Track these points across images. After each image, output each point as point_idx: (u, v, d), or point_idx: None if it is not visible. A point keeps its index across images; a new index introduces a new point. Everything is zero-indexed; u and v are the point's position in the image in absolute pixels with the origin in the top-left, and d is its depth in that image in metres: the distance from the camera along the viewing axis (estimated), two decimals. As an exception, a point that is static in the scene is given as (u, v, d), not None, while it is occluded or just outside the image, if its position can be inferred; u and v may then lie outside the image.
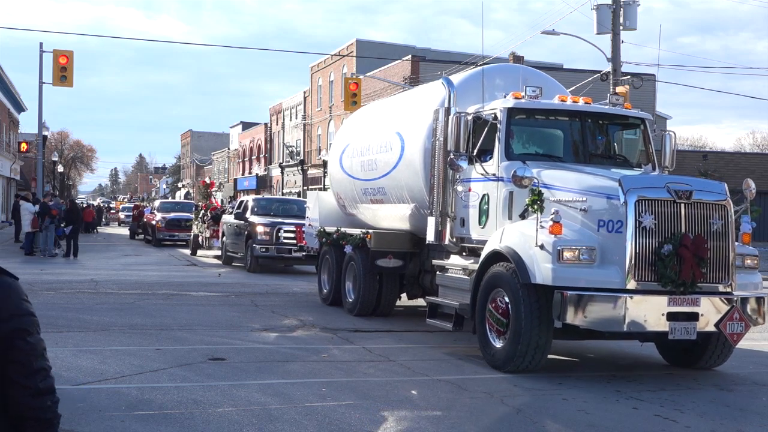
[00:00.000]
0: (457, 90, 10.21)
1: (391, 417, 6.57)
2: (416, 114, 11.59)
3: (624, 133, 10.54)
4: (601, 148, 10.00)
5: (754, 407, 7.60)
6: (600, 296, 7.73)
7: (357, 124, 14.83)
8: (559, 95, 10.17)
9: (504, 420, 6.68)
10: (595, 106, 10.01)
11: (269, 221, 21.25)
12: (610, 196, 8.06)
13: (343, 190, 14.31)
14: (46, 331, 9.27)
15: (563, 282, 7.84)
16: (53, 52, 27.58)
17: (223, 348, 9.54)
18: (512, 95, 9.60)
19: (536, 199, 8.18)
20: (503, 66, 11.52)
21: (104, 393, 7.12)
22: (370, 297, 12.67)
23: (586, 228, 8.17)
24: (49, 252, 25.12)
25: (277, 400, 6.98)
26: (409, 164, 11.44)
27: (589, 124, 9.85)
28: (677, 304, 7.83)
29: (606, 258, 7.94)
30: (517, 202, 9.01)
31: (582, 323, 7.83)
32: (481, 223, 9.64)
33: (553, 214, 7.96)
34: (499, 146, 9.43)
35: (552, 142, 10.15)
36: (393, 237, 12.40)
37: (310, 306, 14.25)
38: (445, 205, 10.12)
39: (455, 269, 10.16)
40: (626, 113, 10.14)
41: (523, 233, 8.36)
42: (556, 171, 8.93)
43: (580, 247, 7.89)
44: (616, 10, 25.29)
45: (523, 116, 9.71)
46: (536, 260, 7.99)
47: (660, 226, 7.88)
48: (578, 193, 8.36)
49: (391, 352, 9.70)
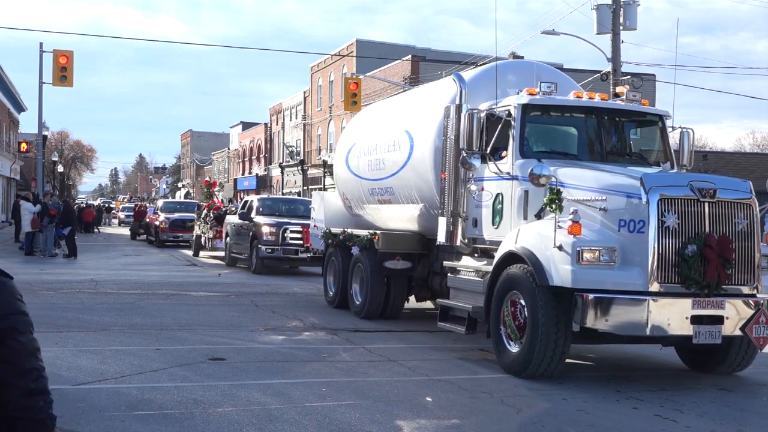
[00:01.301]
0: (469, 86, 9.94)
1: (391, 417, 6.56)
2: (426, 112, 11.32)
3: (641, 131, 10.23)
4: (618, 146, 9.71)
5: (754, 407, 7.59)
6: (622, 299, 7.45)
7: (364, 122, 14.54)
8: (575, 92, 9.90)
9: (504, 420, 6.67)
10: (612, 102, 9.75)
11: (275, 221, 20.85)
12: (631, 194, 7.78)
13: (349, 190, 14.05)
14: (46, 331, 9.26)
15: (583, 284, 7.55)
16: (53, 52, 27.54)
17: (223, 348, 9.53)
18: (527, 91, 9.33)
19: (555, 198, 7.92)
20: (516, 62, 11.29)
21: (104, 393, 7.11)
22: (378, 299, 12.40)
23: (605, 228, 7.89)
24: (49, 252, 25.08)
25: (277, 400, 6.97)
26: (419, 163, 11.18)
27: (606, 120, 9.57)
28: (702, 306, 7.54)
29: (627, 259, 7.66)
30: (532, 202, 8.75)
31: (603, 327, 7.53)
32: (494, 223, 9.37)
33: (571, 214, 7.67)
34: (513, 144, 9.16)
35: (567, 139, 9.85)
36: (401, 238, 12.14)
37: (311, 306, 14.24)
38: (457, 205, 9.85)
39: (467, 271, 9.89)
40: (644, 110, 9.85)
41: (540, 234, 8.09)
42: (573, 169, 8.65)
43: (600, 247, 7.61)
44: (616, 10, 25.25)
45: (537, 113, 9.46)
46: (554, 262, 7.72)
47: (683, 225, 7.60)
48: (597, 192, 8.08)
49: (392, 352, 9.69)
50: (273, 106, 70.99)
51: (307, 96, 60.56)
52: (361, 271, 12.75)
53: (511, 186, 9.11)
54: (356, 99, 30.11)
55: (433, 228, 10.80)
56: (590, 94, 9.78)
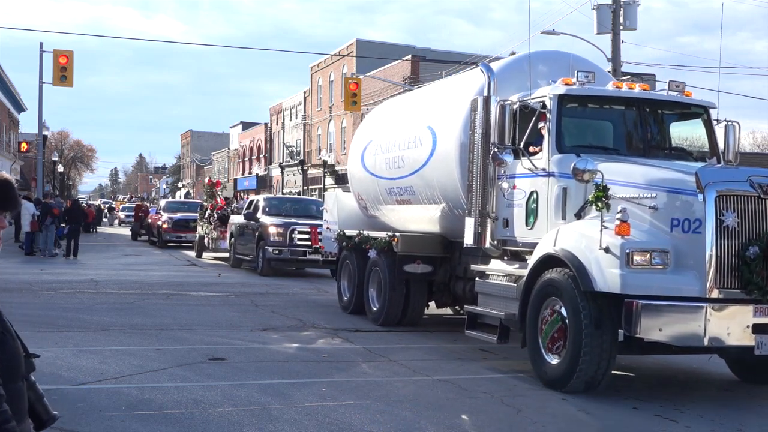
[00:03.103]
0: (497, 77, 9.28)
1: (391, 417, 6.55)
2: (450, 105, 10.60)
3: (682, 124, 9.57)
4: (660, 140, 9.05)
5: (754, 407, 7.56)
6: (678, 306, 6.81)
7: (380, 118, 13.77)
8: (613, 81, 9.30)
9: (504, 420, 6.65)
10: (655, 92, 9.13)
11: (282, 221, 20.23)
12: (684, 191, 7.13)
13: (364, 190, 13.35)
14: (46, 331, 9.15)
15: (633, 290, 6.88)
16: (53, 52, 27.48)
17: (223, 348, 9.51)
18: (562, 81, 8.69)
19: (601, 195, 7.27)
20: (548, 52, 10.63)
21: (104, 393, 7.09)
22: (397, 305, 11.66)
23: (656, 228, 7.23)
24: (49, 252, 25.07)
25: (277, 400, 6.96)
26: (443, 160, 10.47)
27: (647, 112, 8.89)
28: (765, 314, 6.86)
29: (681, 262, 7.00)
30: (571, 200, 8.10)
31: (656, 337, 6.89)
32: (528, 223, 8.69)
33: (619, 213, 7.04)
34: (549, 138, 8.48)
35: (605, 132, 9.18)
36: (422, 240, 11.47)
37: (311, 306, 14.23)
38: (486, 205, 9.17)
39: (497, 275, 9.22)
40: (689, 101, 9.13)
41: (584, 234, 7.45)
42: (617, 164, 7.98)
43: (651, 249, 6.97)
44: (616, 10, 25.21)
45: (574, 104, 8.81)
46: (600, 265, 7.06)
47: (743, 225, 6.92)
48: (646, 189, 7.42)
49: (392, 351, 9.68)
50: (273, 106, 70.92)
51: (307, 96, 60.50)
52: (378, 275, 12.08)
53: (547, 183, 8.45)
54: (356, 99, 30.12)
55: (455, 229, 10.29)
56: (630, 84, 9.14)
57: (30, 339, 9.14)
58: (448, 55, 45.54)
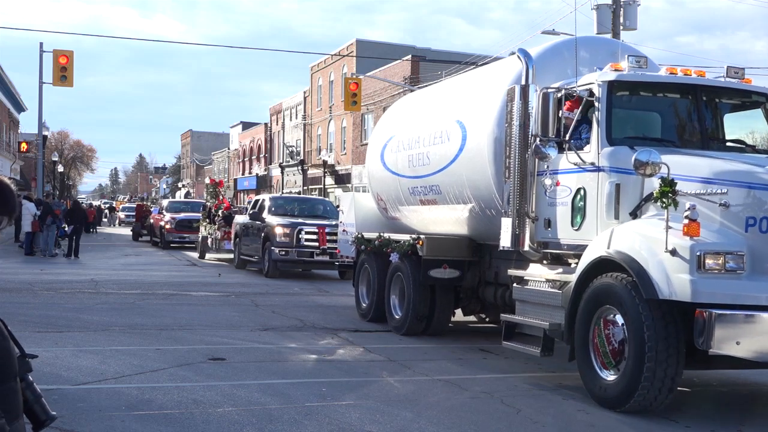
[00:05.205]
0: (536, 64, 8.50)
1: (390, 417, 6.54)
2: (482, 97, 9.84)
3: (738, 114, 8.77)
4: (718, 131, 8.28)
5: (754, 407, 7.56)
6: (762, 317, 6.05)
7: (402, 113, 12.89)
8: (667, 67, 8.44)
9: (504, 420, 6.64)
10: (715, 79, 8.26)
11: (289, 222, 19.72)
12: (760, 186, 6.43)
13: (384, 189, 12.53)
14: (46, 331, 9.38)
15: (706, 297, 6.09)
16: (53, 52, 27.53)
17: (223, 348, 9.51)
18: (611, 66, 7.94)
19: (668, 190, 6.50)
20: (592, 38, 9.70)
21: (104, 393, 7.07)
22: (421, 313, 10.78)
23: (728, 228, 6.49)
24: (50, 252, 25.04)
25: (277, 400, 6.95)
26: (474, 156, 9.66)
27: (703, 101, 8.09)
28: None
29: (758, 266, 6.28)
30: (625, 197, 7.35)
31: (734, 352, 6.10)
32: (574, 224, 7.88)
33: (687, 210, 6.25)
34: (598, 129, 7.71)
35: (656, 123, 8.37)
36: (449, 243, 10.63)
37: (311, 306, 14.22)
38: (524, 204, 8.37)
39: (538, 281, 8.36)
40: (751, 88, 8.36)
41: (644, 235, 6.68)
42: (679, 156, 7.17)
43: (725, 252, 6.20)
44: (616, 10, 25.20)
45: (625, 92, 7.99)
46: (666, 270, 6.29)
47: None
48: (715, 184, 6.66)
49: (392, 351, 9.67)
50: (273, 106, 70.83)
51: (307, 96, 60.41)
52: (401, 280, 11.23)
53: (596, 179, 7.64)
54: (356, 99, 30.20)
55: (486, 231, 9.65)
56: (685, 70, 8.27)
57: (30, 339, 9.14)
58: (447, 55, 45.42)
